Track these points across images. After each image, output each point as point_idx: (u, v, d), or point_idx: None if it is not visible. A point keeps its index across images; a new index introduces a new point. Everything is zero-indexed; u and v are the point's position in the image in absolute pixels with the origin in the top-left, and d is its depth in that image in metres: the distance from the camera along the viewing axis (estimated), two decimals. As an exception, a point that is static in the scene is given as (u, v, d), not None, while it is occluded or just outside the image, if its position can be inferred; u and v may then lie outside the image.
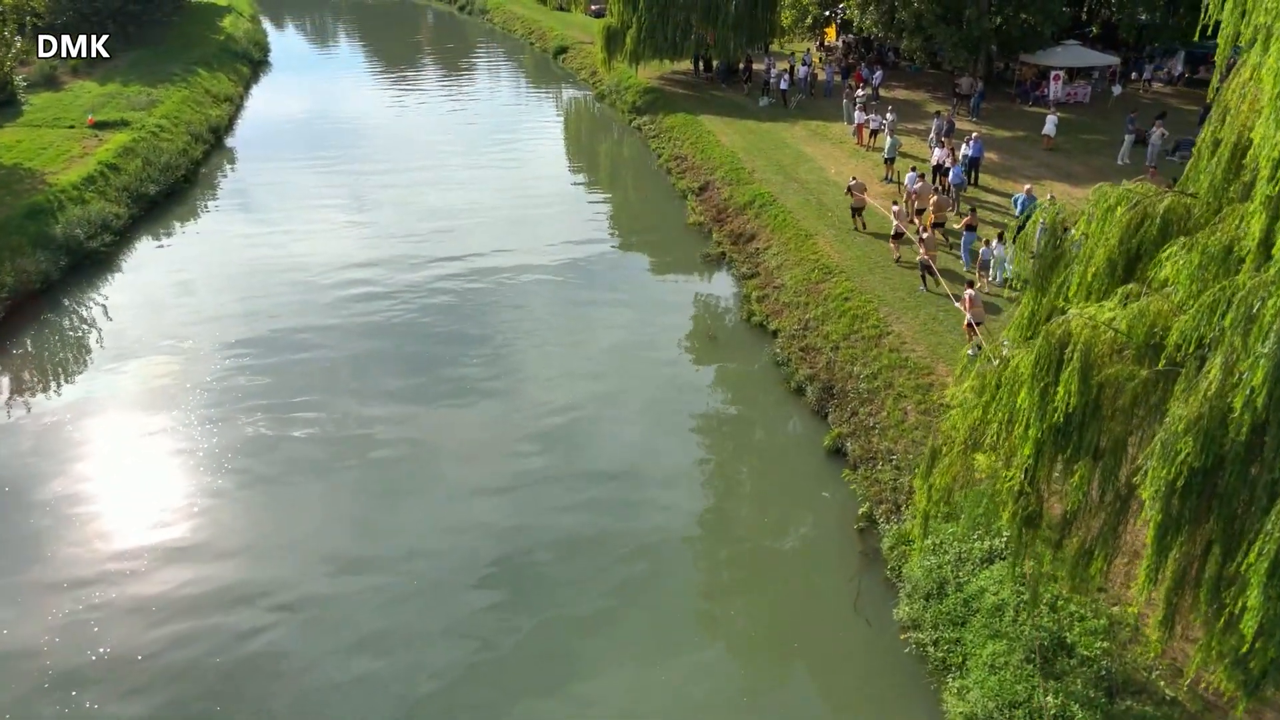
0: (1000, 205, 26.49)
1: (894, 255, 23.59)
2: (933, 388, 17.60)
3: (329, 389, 20.02)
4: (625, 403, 19.75)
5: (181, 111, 41.11)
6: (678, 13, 42.88)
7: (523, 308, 24.34)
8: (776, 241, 26.41)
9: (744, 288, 24.86)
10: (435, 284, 25.79)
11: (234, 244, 29.05)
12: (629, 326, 23.31)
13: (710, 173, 33.46)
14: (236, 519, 16.03)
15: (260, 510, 16.27)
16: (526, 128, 44.42)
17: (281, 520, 15.98)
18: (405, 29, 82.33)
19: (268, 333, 22.74)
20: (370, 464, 17.51)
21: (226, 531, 15.69)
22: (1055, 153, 31.14)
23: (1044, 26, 35.73)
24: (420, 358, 21.61)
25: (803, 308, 22.38)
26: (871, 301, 21.30)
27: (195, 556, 15.09)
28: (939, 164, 27.50)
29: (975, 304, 18.68)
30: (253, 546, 15.35)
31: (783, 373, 20.31)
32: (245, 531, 15.72)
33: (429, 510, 16.22)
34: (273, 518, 16.06)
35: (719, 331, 23.29)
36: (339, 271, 26.44)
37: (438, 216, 31.20)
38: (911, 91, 41.80)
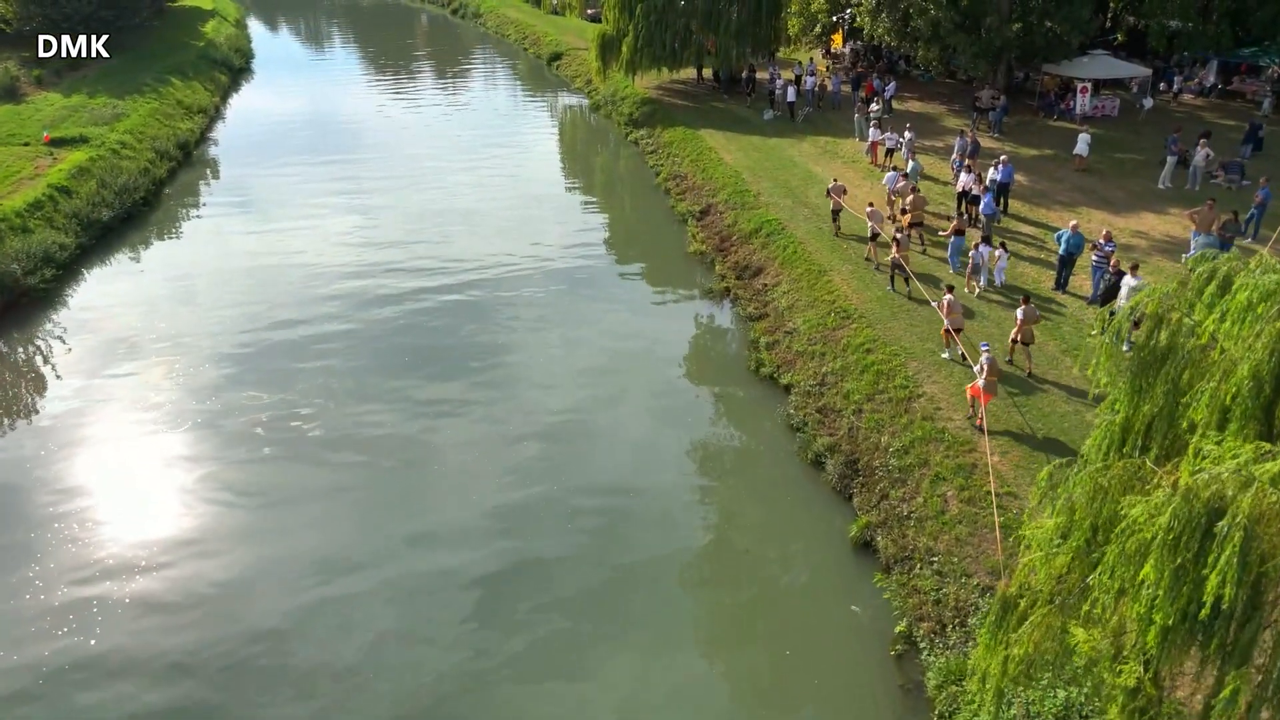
0: (1035, 239, 23.91)
1: (869, 257, 23.21)
2: (976, 470, 15.04)
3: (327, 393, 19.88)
4: (618, 473, 17.22)
5: (148, 126, 38.56)
6: (677, 19, 40.35)
7: (500, 359, 21.81)
8: (786, 277, 23.85)
9: (751, 331, 22.30)
10: (399, 329, 23.27)
11: (203, 265, 27.27)
12: (622, 374, 20.75)
13: (712, 195, 30.91)
14: (234, 521, 15.97)
15: (258, 512, 16.20)
16: (517, 141, 41.84)
17: (279, 522, 15.94)
18: (398, 32, 79.87)
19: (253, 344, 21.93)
20: (369, 465, 17.45)
21: (224, 533, 15.65)
22: (1088, 174, 28.59)
23: (1070, 35, 33.18)
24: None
25: (818, 359, 19.82)
26: (898, 355, 18.74)
27: (193, 558, 15.02)
28: (965, 190, 24.94)
29: (954, 309, 18.11)
30: (250, 548, 15.27)
31: (798, 440, 17.73)
32: (242, 533, 15.66)
33: (427, 511, 16.16)
34: (270, 520, 16.00)
35: (724, 383, 20.71)
36: (303, 306, 23.92)
37: (412, 242, 28.66)
38: (926, 103, 39.25)
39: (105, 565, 14.82)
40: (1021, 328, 17.42)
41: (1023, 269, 22.13)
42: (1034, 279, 21.56)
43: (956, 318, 18.18)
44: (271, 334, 22.66)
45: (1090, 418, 15.19)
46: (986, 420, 15.80)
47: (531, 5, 78.19)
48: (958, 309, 18.32)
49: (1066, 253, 20.16)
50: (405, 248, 28.42)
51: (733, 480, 17.21)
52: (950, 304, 18.14)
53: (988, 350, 16.05)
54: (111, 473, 17.25)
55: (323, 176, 36.36)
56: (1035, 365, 17.79)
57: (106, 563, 14.87)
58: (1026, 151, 31.33)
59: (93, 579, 14.52)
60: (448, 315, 23.75)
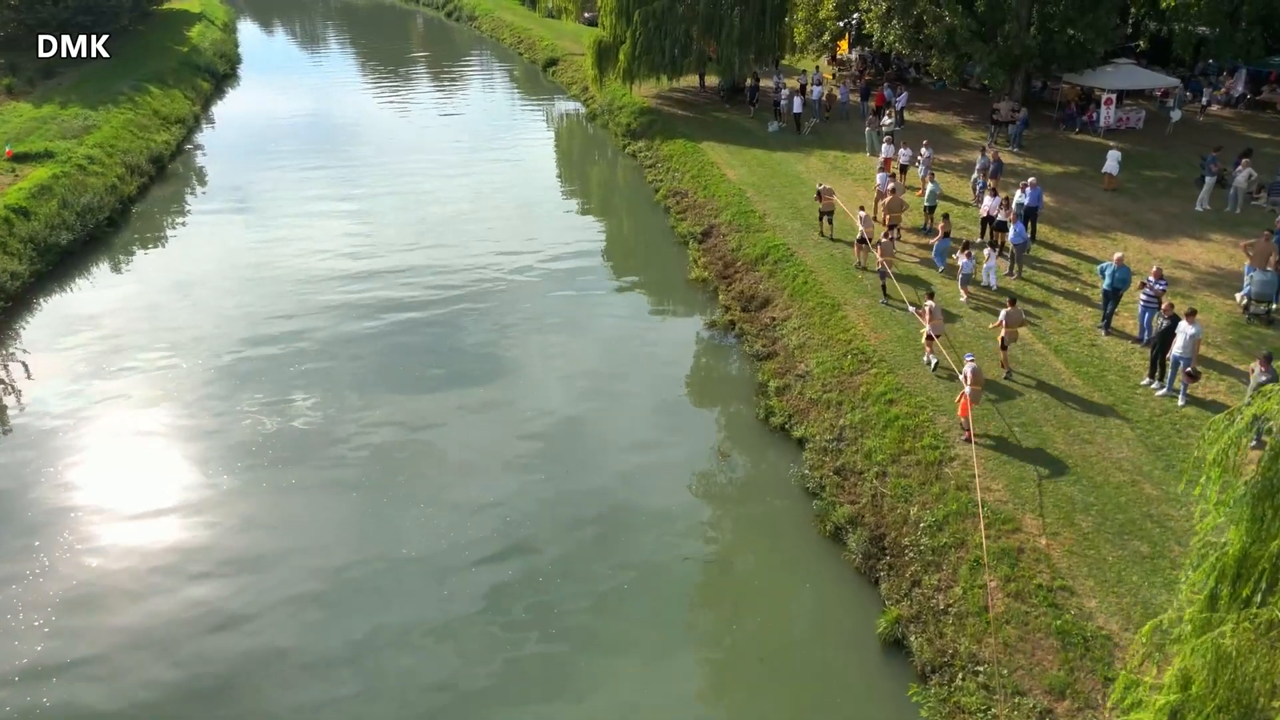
0: (1069, 270, 21.92)
1: (856, 262, 23.12)
2: (1023, 554, 13.09)
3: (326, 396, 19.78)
4: (611, 545, 15.28)
5: (120, 138, 36.58)
6: (676, 25, 38.43)
7: (489, 383, 19.88)
8: (797, 311, 21.89)
9: (759, 373, 20.34)
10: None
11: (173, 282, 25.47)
12: (614, 418, 18.82)
13: (714, 215, 28.97)
14: (234, 521, 15.87)
15: (258, 512, 16.11)
16: (510, 153, 39.85)
17: (280, 522, 15.86)
18: (393, 35, 78.10)
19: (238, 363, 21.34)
20: (367, 470, 17.29)
21: (224, 533, 15.57)
22: (1119, 195, 26.65)
23: (1095, 44, 31.24)
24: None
25: (835, 408, 17.87)
26: (924, 408, 16.79)
27: (190, 562, 14.93)
28: (990, 215, 22.99)
29: (935, 316, 17.76)
30: (251, 549, 15.19)
31: (815, 507, 15.76)
32: (243, 533, 15.58)
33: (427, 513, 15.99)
34: (271, 520, 15.91)
35: (730, 434, 18.74)
36: (284, 319, 21.99)
37: (388, 273, 26.70)
38: (939, 115, 37.34)
39: (103, 567, 14.82)
40: (1006, 330, 17.23)
41: (1057, 304, 20.18)
42: (1070, 317, 19.61)
43: (938, 324, 17.82)
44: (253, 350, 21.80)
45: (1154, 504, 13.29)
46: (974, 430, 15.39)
47: (527, 8, 76.32)
48: (939, 315, 17.92)
49: (1112, 288, 18.20)
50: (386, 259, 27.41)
51: (742, 558, 15.21)
52: (932, 310, 17.78)
53: (972, 360, 15.81)
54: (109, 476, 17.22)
55: (306, 187, 34.91)
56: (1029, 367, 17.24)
57: (104, 565, 14.87)
58: (1049, 168, 29.40)
59: (90, 582, 14.50)
60: (415, 343, 21.83)
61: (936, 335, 17.81)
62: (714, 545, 15.42)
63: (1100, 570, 12.61)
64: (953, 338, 18.78)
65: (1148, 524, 13.34)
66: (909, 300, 20.25)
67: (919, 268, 22.76)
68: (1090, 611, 11.96)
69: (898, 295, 20.62)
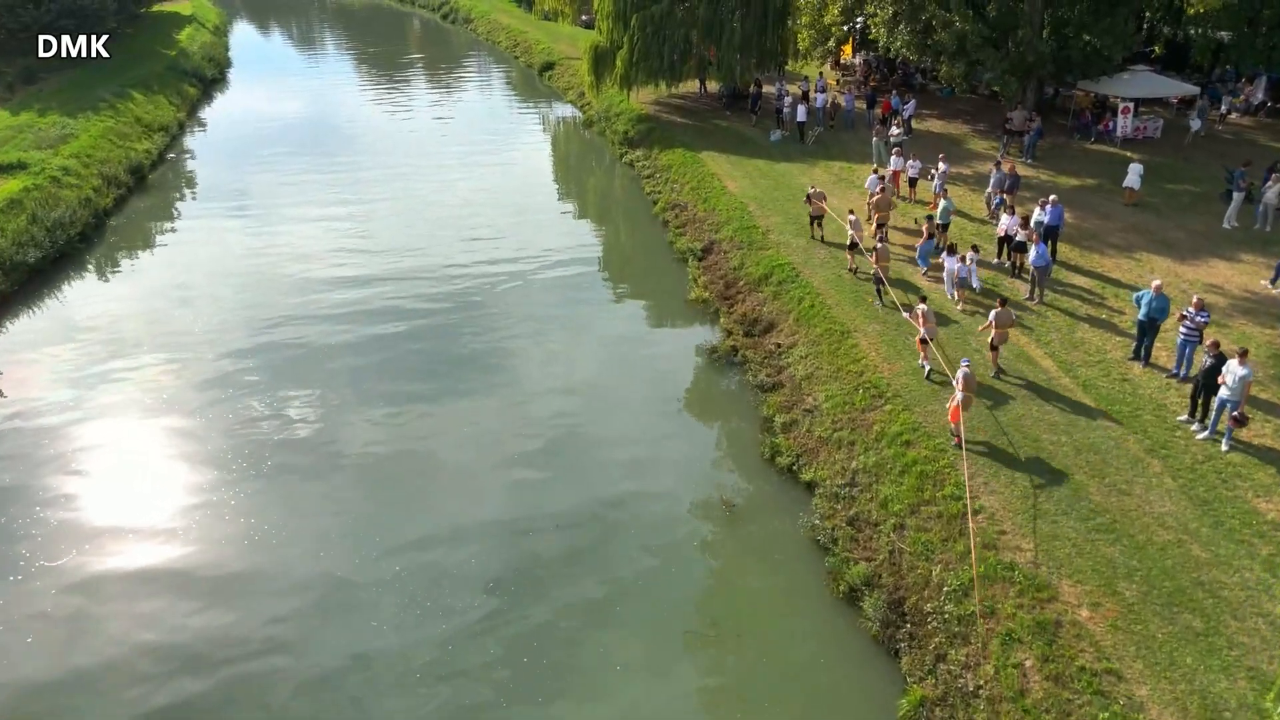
0: (1094, 294, 20.57)
1: (849, 266, 22.79)
2: (1061, 629, 11.76)
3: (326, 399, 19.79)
4: (602, 610, 13.98)
5: (98, 148, 35.28)
6: (675, 30, 37.08)
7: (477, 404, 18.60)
8: (804, 338, 20.57)
9: (764, 406, 19.00)
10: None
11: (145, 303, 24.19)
12: (608, 456, 17.51)
13: (715, 230, 27.65)
14: (234, 523, 15.85)
15: (259, 514, 16.04)
16: (504, 161, 38.52)
17: (280, 523, 15.81)
18: (388, 38, 76.73)
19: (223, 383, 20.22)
20: (365, 472, 17.29)
21: (224, 535, 15.57)
22: (1141, 210, 25.32)
23: (1112, 50, 29.92)
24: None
25: (846, 448, 16.55)
26: (945, 451, 15.45)
27: (189, 564, 14.92)
28: (1008, 234, 21.66)
29: (928, 319, 17.70)
30: (251, 550, 15.20)
31: (827, 564, 14.42)
32: (243, 535, 15.54)
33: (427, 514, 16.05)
34: (271, 521, 15.87)
35: (732, 475, 17.39)
36: (262, 334, 20.71)
37: (374, 281, 25.40)
38: (948, 123, 36.01)
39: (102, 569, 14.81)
40: (997, 331, 17.14)
41: (1083, 333, 18.84)
42: (1098, 347, 18.27)
43: (931, 327, 17.79)
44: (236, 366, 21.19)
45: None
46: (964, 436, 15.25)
47: (523, 10, 75.00)
48: (932, 319, 17.89)
49: (1148, 318, 16.84)
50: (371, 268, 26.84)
51: (749, 623, 13.85)
52: (924, 314, 17.68)
53: (966, 366, 15.48)
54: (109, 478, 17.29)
55: (292, 195, 34.11)
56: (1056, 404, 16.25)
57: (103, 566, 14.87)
58: (1066, 181, 28.09)
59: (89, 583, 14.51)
60: (395, 356, 20.55)
61: (930, 339, 17.66)
62: (717, 610, 14.08)
63: (1149, 650, 11.29)
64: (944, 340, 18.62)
65: (1198, 593, 12.02)
66: (901, 304, 19.94)
67: (906, 266, 22.49)
68: (1141, 701, 10.65)
69: (891, 303, 20.33)
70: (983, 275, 21.52)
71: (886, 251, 21.37)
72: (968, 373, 15.36)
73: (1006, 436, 15.63)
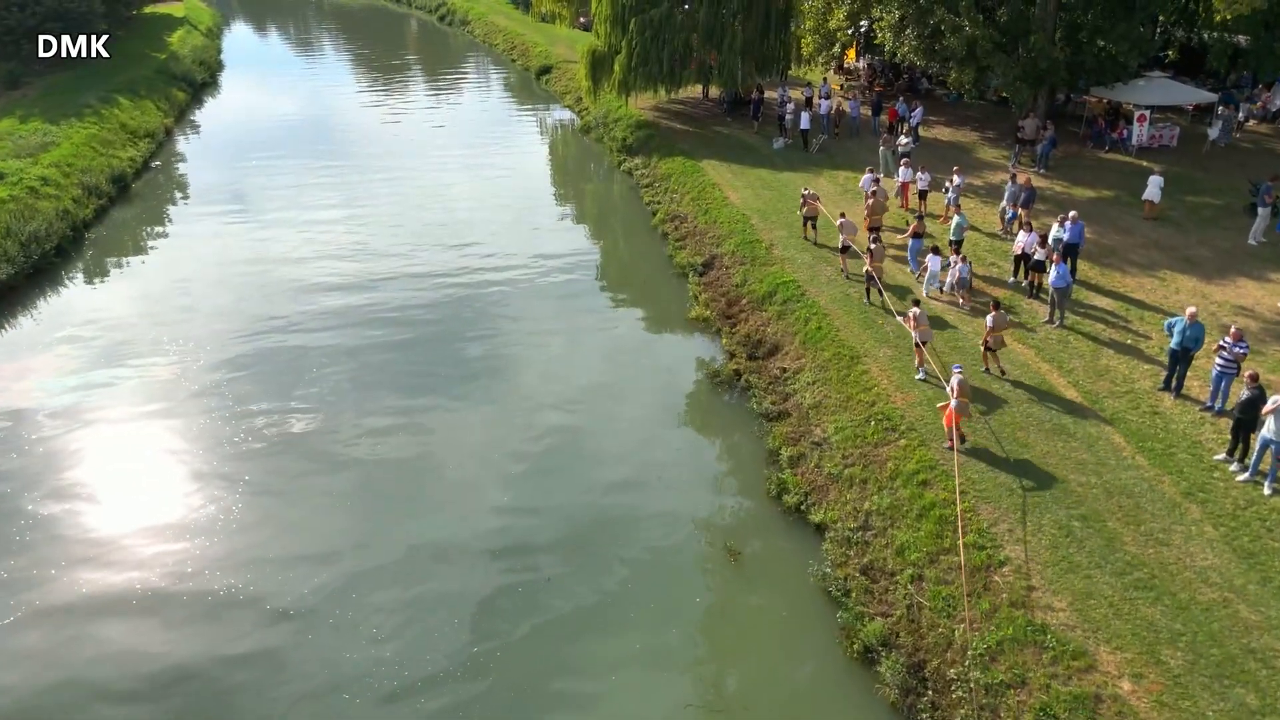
0: (1117, 317, 19.49)
1: (841, 269, 22.68)
2: (1102, 704, 10.67)
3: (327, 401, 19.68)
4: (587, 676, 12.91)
5: (80, 156, 34.15)
6: (675, 35, 36.00)
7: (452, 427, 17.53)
8: (810, 362, 19.50)
9: (769, 436, 17.91)
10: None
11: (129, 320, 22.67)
12: (602, 489, 16.45)
13: (716, 243, 26.57)
14: (235, 523, 15.79)
15: (259, 514, 16.04)
16: (499, 168, 37.39)
17: (281, 523, 15.77)
18: (383, 40, 75.58)
19: None
20: (366, 473, 17.21)
21: (225, 536, 15.49)
22: (1161, 224, 24.26)
23: (1128, 56, 28.86)
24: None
25: (858, 488, 15.48)
26: (965, 492, 14.37)
27: (190, 564, 14.87)
28: (1025, 252, 20.58)
29: (921, 322, 17.61)
30: (252, 550, 15.13)
31: (840, 619, 13.33)
32: (244, 535, 15.50)
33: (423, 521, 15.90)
34: (272, 521, 15.84)
35: (735, 514, 16.31)
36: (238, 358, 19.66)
37: (345, 312, 24.33)
38: (956, 130, 34.95)
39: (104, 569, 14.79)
40: (991, 334, 17.11)
41: (1108, 360, 17.75)
42: (1124, 376, 17.18)
43: (925, 330, 17.71)
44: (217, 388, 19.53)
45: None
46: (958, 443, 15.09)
47: (520, 12, 73.95)
48: (925, 322, 17.79)
49: (1182, 347, 15.75)
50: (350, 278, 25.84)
51: (755, 691, 12.79)
52: (917, 317, 17.58)
53: (960, 371, 15.40)
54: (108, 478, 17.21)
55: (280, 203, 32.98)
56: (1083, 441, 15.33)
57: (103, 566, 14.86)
58: (1080, 192, 27.04)
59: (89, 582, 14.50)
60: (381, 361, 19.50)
61: (924, 342, 17.56)
62: (722, 676, 12.99)
63: (1201, 731, 10.22)
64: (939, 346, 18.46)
65: (1250, 663, 10.95)
66: (895, 309, 19.88)
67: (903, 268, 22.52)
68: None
69: (879, 301, 20.55)
70: (1000, 295, 20.44)
71: (882, 252, 21.19)
72: (962, 378, 15.22)
73: (1031, 476, 14.55)
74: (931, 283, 20.84)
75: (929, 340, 17.88)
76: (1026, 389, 16.93)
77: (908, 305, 18.41)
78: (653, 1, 35.88)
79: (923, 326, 17.61)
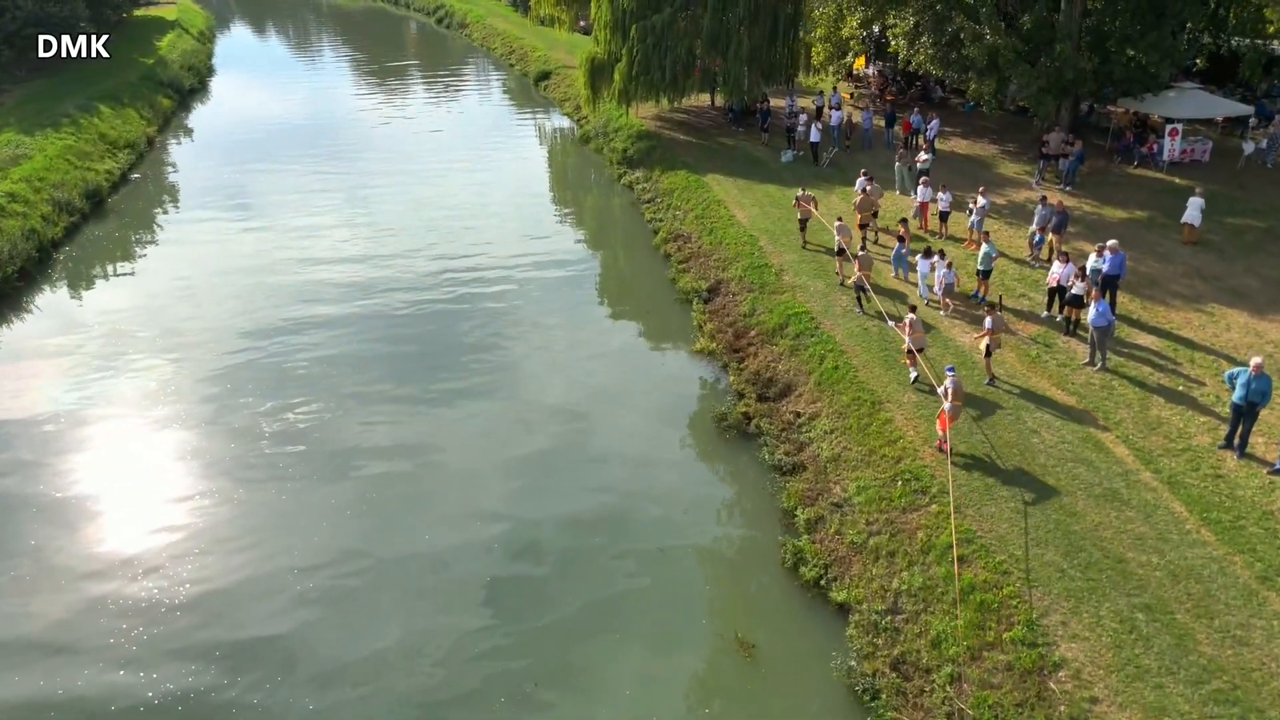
0: (1163, 358, 17.73)
1: (837, 272, 22.48)
2: None
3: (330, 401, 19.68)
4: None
5: (53, 170, 32.52)
6: (678, 42, 34.31)
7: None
8: (827, 407, 17.80)
9: (783, 494, 16.21)
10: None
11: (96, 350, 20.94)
12: (586, 556, 14.78)
13: (722, 267, 24.89)
14: (238, 523, 15.84)
15: (262, 514, 16.07)
16: (491, 180, 35.70)
17: (283, 523, 15.79)
18: (381, 44, 73.98)
19: None
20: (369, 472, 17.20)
21: (226, 535, 15.54)
22: (1203, 250, 22.54)
23: (1159, 67, 27.14)
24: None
25: (886, 561, 13.79)
26: (1009, 572, 12.69)
27: (194, 562, 14.88)
28: (1060, 285, 18.88)
29: (915, 329, 17.46)
30: (255, 550, 15.14)
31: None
32: (246, 535, 15.51)
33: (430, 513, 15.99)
34: (274, 521, 15.86)
35: (747, 589, 14.62)
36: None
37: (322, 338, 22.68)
38: (972, 142, 33.24)
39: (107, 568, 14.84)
40: (989, 336, 17.02)
41: (1158, 410, 16.03)
42: (1179, 430, 15.45)
43: (919, 337, 17.50)
44: None
45: None
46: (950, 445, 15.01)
47: (520, 14, 72.28)
48: (919, 328, 17.60)
49: (1246, 402, 14.06)
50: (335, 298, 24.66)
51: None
52: (912, 323, 17.46)
53: (953, 374, 15.26)
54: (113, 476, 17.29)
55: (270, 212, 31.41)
56: (1140, 508, 13.68)
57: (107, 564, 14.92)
58: (1111, 213, 25.34)
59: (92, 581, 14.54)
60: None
61: (918, 349, 17.35)
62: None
63: None
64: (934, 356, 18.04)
65: (1363, 805, 9.27)
66: (889, 314, 19.69)
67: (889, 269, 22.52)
68: None
69: (874, 308, 20.25)
70: (1033, 332, 18.81)
71: (869, 260, 20.97)
72: (955, 381, 15.14)
73: (1083, 554, 12.85)
74: (921, 286, 20.70)
75: (924, 347, 17.55)
76: (1070, 445, 15.23)
77: (902, 311, 18.37)
78: (654, 7, 34.20)
79: (917, 333, 17.40)
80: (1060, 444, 15.30)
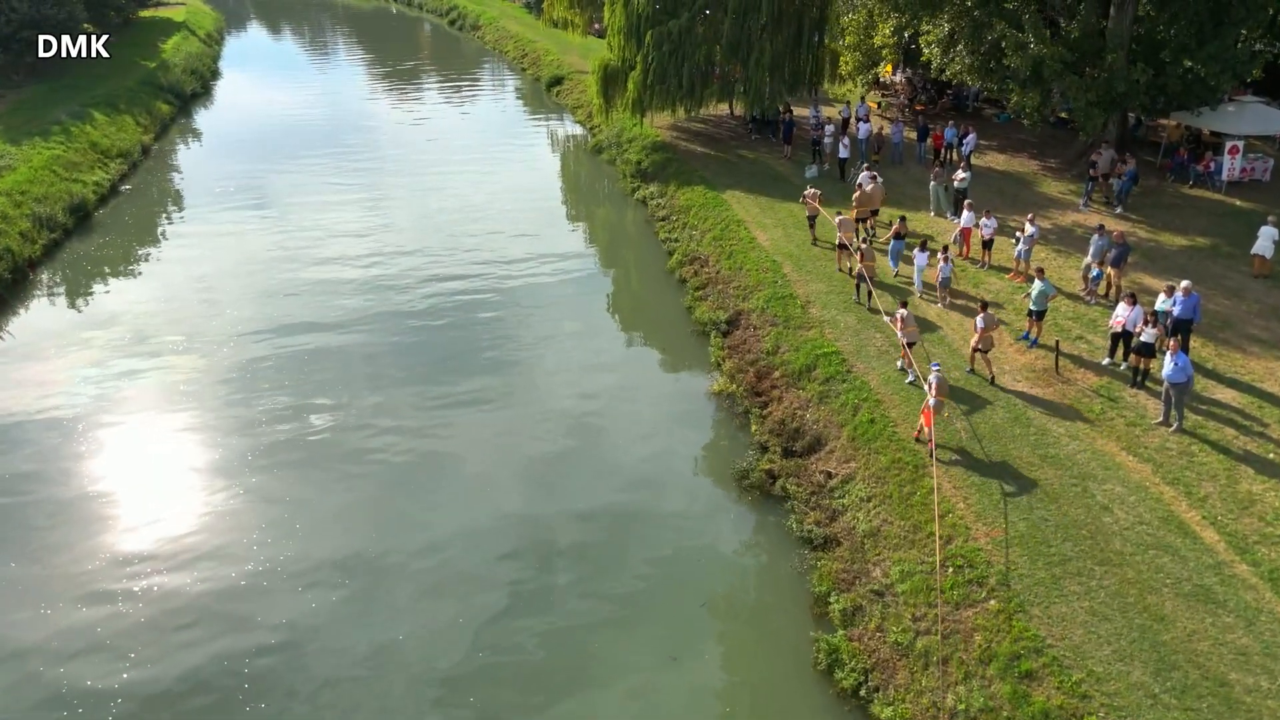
0: (1246, 416, 15.55)
1: (839, 267, 22.76)
2: None
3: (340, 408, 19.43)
4: None
5: (37, 182, 30.86)
6: (695, 49, 32.35)
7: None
8: (863, 469, 15.78)
9: (813, 575, 14.21)
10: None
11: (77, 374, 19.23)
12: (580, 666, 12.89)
13: (743, 296, 22.91)
14: (251, 520, 15.79)
15: (275, 511, 15.98)
16: (501, 190, 33.79)
17: (297, 521, 15.75)
18: (392, 47, 72.25)
19: None
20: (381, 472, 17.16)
21: (241, 532, 15.47)
22: (1274, 284, 20.35)
23: (1220, 80, 24.94)
24: None
25: (938, 670, 11.76)
26: (1081, 682, 10.65)
27: (206, 558, 14.89)
28: (1126, 330, 16.75)
29: (908, 323, 17.61)
30: (268, 547, 15.08)
31: None
32: (260, 532, 15.46)
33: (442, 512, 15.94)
34: (288, 519, 15.80)
35: (774, 701, 12.62)
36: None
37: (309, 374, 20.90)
38: (1010, 157, 31.07)
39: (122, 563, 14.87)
40: (981, 335, 17.00)
41: (1247, 483, 13.90)
42: (1275, 509, 13.34)
43: (912, 331, 17.77)
44: None
45: None
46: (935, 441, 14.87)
47: (533, 16, 70.45)
48: (912, 323, 17.80)
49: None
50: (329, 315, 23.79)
51: None
52: (904, 318, 17.58)
53: (938, 370, 15.42)
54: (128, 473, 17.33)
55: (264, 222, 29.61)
56: (1236, 609, 11.44)
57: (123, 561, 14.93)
58: (1170, 240, 23.16)
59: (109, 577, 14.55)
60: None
61: (911, 344, 17.56)
62: None
63: None
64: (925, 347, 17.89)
65: None
66: (885, 310, 19.62)
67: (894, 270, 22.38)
68: None
69: (874, 303, 20.14)
70: (1094, 383, 16.73)
71: (871, 252, 21.27)
72: (940, 376, 15.32)
73: (1179, 670, 10.79)
74: (917, 279, 20.90)
75: (916, 342, 17.80)
76: (1150, 527, 13.15)
77: (895, 306, 18.37)
78: (671, 12, 32.24)
79: (910, 328, 17.62)
80: (1138, 525, 13.23)
